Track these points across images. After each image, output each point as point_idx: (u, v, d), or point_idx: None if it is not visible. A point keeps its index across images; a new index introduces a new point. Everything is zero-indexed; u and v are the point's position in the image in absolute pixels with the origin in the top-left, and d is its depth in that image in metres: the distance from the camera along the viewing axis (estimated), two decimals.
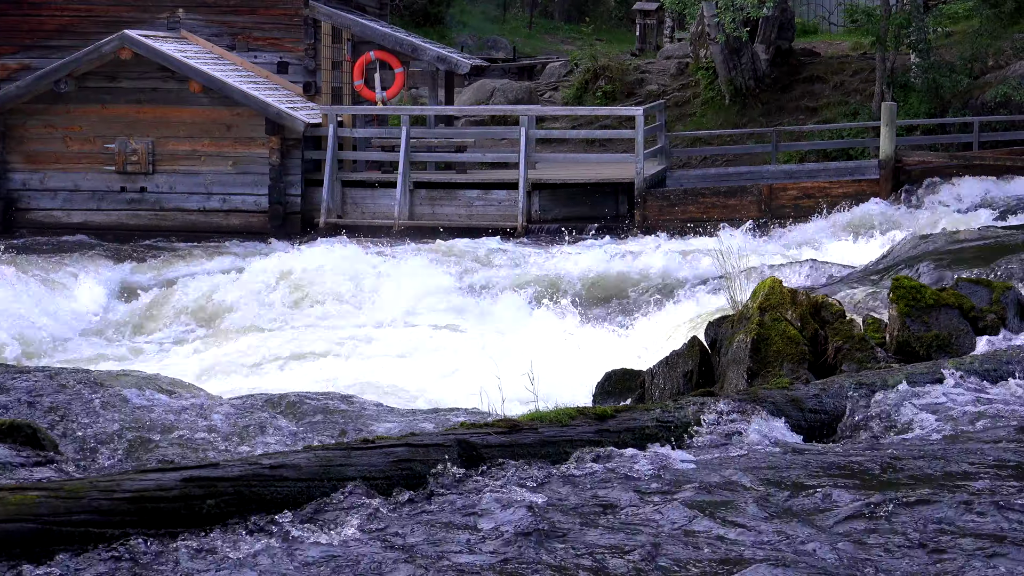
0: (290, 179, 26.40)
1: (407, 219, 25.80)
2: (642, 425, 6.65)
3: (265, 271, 19.62)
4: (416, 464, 5.79)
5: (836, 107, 32.16)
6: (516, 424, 6.38)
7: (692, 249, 22.10)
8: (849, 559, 4.98)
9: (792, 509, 5.54)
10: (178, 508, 5.14)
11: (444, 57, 28.03)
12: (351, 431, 8.68)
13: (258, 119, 26.12)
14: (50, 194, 26.86)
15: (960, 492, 5.69)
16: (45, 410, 8.80)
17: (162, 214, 26.60)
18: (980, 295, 9.58)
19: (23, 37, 27.58)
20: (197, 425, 8.61)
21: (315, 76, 27.46)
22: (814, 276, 17.07)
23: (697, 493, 5.74)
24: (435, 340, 15.93)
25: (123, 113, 26.61)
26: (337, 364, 14.78)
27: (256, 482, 5.37)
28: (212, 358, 15.69)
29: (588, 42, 41.22)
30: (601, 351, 14.06)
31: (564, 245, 23.56)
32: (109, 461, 7.61)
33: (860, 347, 8.72)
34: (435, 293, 18.85)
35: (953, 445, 6.60)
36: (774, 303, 8.94)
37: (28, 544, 4.79)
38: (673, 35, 40.24)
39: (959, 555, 4.99)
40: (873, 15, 30.51)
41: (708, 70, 33.94)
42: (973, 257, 14.81)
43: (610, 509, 5.54)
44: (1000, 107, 29.47)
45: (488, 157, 27.85)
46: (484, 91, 36.97)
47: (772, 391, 7.37)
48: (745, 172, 28.54)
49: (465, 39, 42.13)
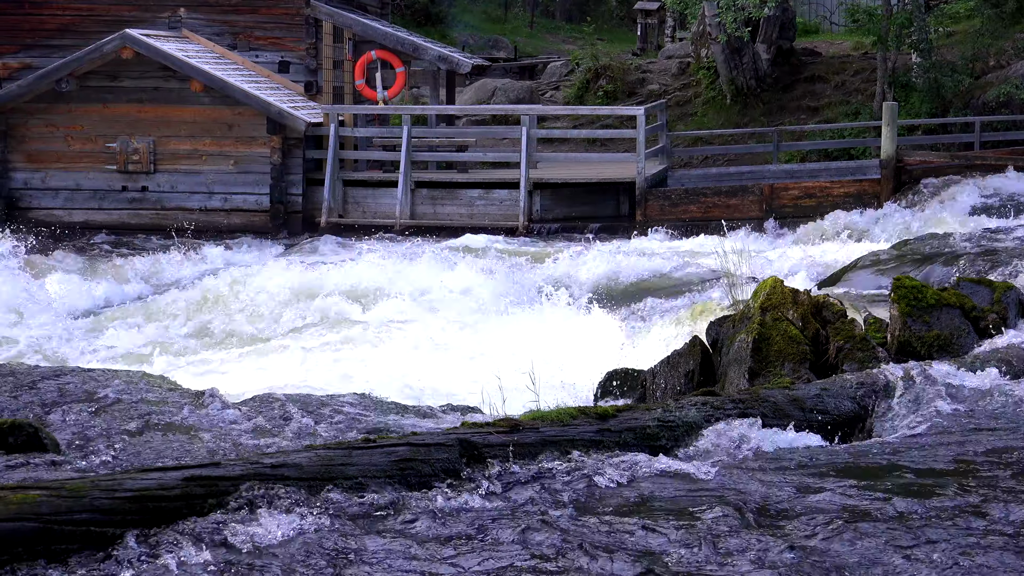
0: (291, 178, 26.40)
1: (408, 218, 25.80)
2: (643, 425, 6.65)
3: (271, 278, 19.60)
4: (418, 463, 5.79)
5: (837, 107, 32.16)
6: (517, 424, 6.38)
7: (693, 249, 22.10)
8: (850, 558, 4.98)
9: (794, 508, 5.54)
10: (180, 507, 5.14)
11: (445, 56, 28.03)
12: (353, 429, 8.68)
13: (259, 118, 26.12)
14: (52, 193, 26.86)
15: (961, 491, 5.69)
16: (46, 409, 8.80)
17: (163, 213, 26.60)
18: (981, 295, 9.58)
19: (24, 36, 27.58)
20: (198, 424, 8.61)
21: (316, 75, 27.46)
22: (815, 275, 17.07)
23: (699, 493, 5.74)
24: (437, 338, 15.92)
25: (125, 112, 26.61)
26: (339, 363, 14.77)
27: (257, 481, 5.37)
28: (213, 357, 15.69)
29: (589, 41, 41.21)
30: (602, 350, 14.05)
31: (565, 244, 23.55)
32: (110, 460, 7.61)
33: (861, 347, 8.71)
34: (436, 291, 18.85)
35: (955, 444, 6.60)
36: (775, 303, 8.94)
37: (30, 543, 4.79)
38: (674, 35, 40.24)
39: (960, 554, 4.99)
40: (874, 15, 30.50)
41: (709, 70, 33.94)
42: (974, 256, 14.80)
43: (611, 508, 5.54)
44: (1002, 107, 29.45)
45: (489, 156, 27.86)
46: (485, 91, 36.97)
47: (773, 391, 7.37)
48: (746, 172, 28.53)
49: (466, 38, 42.13)
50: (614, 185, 26.06)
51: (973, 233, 17.48)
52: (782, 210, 25.17)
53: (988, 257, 14.52)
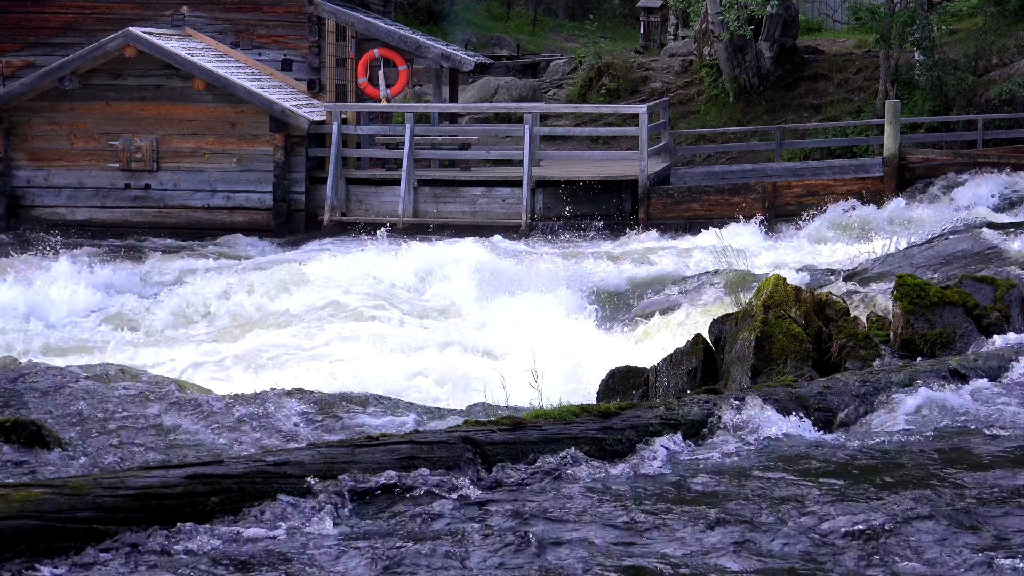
0: (294, 176, 26.41)
1: (411, 216, 25.80)
2: (646, 423, 6.64)
3: (275, 273, 19.60)
4: (420, 461, 5.78)
5: (840, 105, 32.14)
6: (520, 421, 6.37)
7: (696, 246, 22.09)
8: (850, 556, 4.99)
9: (796, 508, 5.54)
10: (182, 505, 5.14)
11: (448, 54, 28.03)
12: (355, 428, 8.68)
13: (262, 116, 26.13)
14: (54, 191, 26.88)
15: (963, 491, 5.69)
16: (48, 407, 8.81)
17: (166, 211, 26.61)
18: (984, 293, 9.56)
19: (28, 34, 27.61)
20: (201, 422, 8.61)
21: (319, 73, 27.47)
22: (817, 274, 17.06)
23: (702, 491, 5.74)
24: (438, 337, 15.91)
25: (128, 110, 26.62)
26: (340, 363, 14.77)
27: (260, 479, 5.37)
28: (215, 356, 15.67)
29: (592, 39, 41.18)
30: (604, 348, 14.05)
31: (568, 242, 23.56)
32: (113, 458, 7.61)
33: (864, 345, 8.71)
34: (436, 290, 18.85)
35: (956, 444, 6.59)
36: (778, 300, 8.94)
37: (32, 541, 4.80)
38: (677, 33, 40.22)
39: (961, 553, 4.99)
40: (877, 12, 30.48)
41: (712, 68, 33.92)
42: (976, 254, 14.78)
43: (612, 508, 5.54)
44: (1004, 105, 29.43)
45: (492, 155, 27.87)
46: (488, 89, 36.96)
47: (776, 388, 7.37)
48: (749, 170, 28.52)
49: (469, 36, 42.11)
50: (617, 183, 26.05)
51: (975, 231, 17.45)
52: (785, 208, 25.17)
53: (991, 255, 14.50)
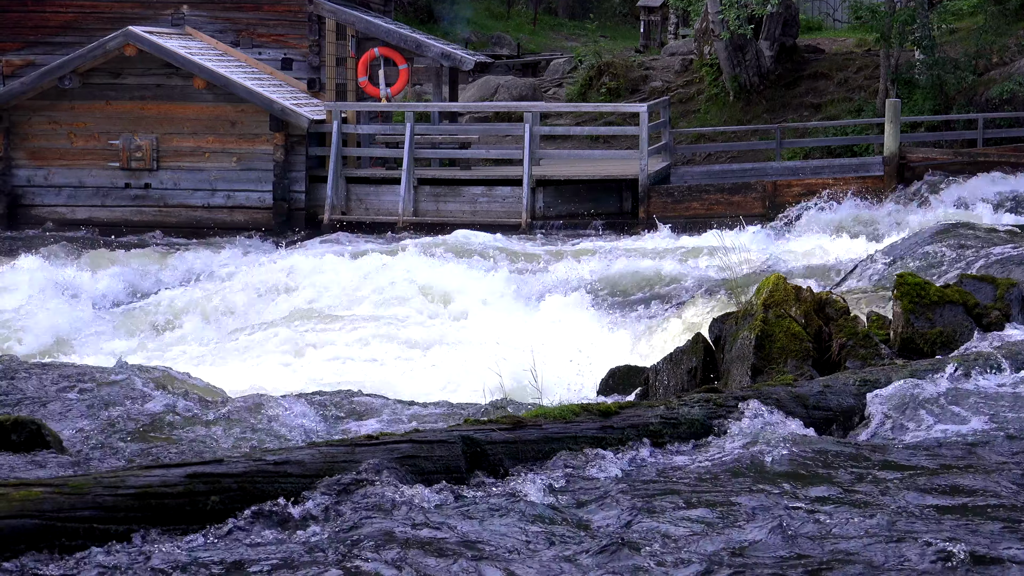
0: (294, 175, 26.40)
1: (411, 216, 25.80)
2: (646, 422, 6.65)
3: (275, 272, 19.60)
4: (420, 460, 5.78)
5: (840, 104, 32.13)
6: (520, 421, 6.37)
7: (696, 246, 22.07)
8: (848, 554, 4.99)
9: (796, 508, 5.54)
10: (183, 504, 5.14)
11: (448, 54, 28.03)
12: (355, 427, 8.68)
13: (262, 116, 26.12)
14: (55, 190, 26.87)
15: (963, 489, 5.69)
16: (49, 406, 8.81)
17: (166, 210, 26.61)
18: (984, 292, 9.57)
19: (28, 33, 27.60)
20: (202, 421, 8.61)
21: (319, 72, 27.46)
22: (818, 272, 17.06)
23: (702, 490, 5.74)
24: (440, 335, 15.91)
25: (128, 109, 26.61)
26: (341, 361, 14.77)
27: (260, 478, 5.37)
28: (218, 355, 15.68)
29: (592, 39, 41.16)
30: (604, 348, 14.04)
31: (568, 242, 23.55)
32: (113, 457, 7.61)
33: (864, 344, 8.71)
34: (436, 289, 18.83)
35: (956, 443, 6.60)
36: (778, 300, 8.93)
37: (32, 540, 4.80)
38: (677, 32, 40.21)
39: (962, 552, 4.99)
40: (877, 12, 30.47)
41: (712, 67, 33.92)
42: (977, 253, 14.78)
43: (613, 504, 5.54)
44: (1005, 104, 29.43)
45: (492, 154, 27.86)
46: (488, 88, 36.95)
47: (776, 387, 7.37)
48: (749, 169, 28.50)
49: (469, 35, 42.11)
50: (617, 182, 26.04)
51: (976, 230, 17.46)
52: (785, 207, 25.15)
53: (990, 253, 14.50)
